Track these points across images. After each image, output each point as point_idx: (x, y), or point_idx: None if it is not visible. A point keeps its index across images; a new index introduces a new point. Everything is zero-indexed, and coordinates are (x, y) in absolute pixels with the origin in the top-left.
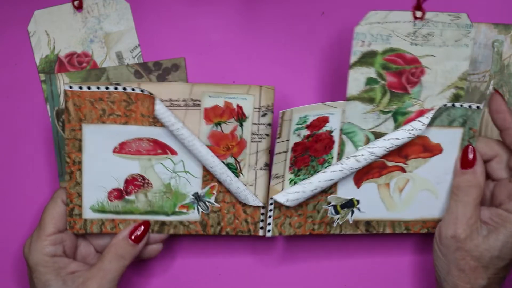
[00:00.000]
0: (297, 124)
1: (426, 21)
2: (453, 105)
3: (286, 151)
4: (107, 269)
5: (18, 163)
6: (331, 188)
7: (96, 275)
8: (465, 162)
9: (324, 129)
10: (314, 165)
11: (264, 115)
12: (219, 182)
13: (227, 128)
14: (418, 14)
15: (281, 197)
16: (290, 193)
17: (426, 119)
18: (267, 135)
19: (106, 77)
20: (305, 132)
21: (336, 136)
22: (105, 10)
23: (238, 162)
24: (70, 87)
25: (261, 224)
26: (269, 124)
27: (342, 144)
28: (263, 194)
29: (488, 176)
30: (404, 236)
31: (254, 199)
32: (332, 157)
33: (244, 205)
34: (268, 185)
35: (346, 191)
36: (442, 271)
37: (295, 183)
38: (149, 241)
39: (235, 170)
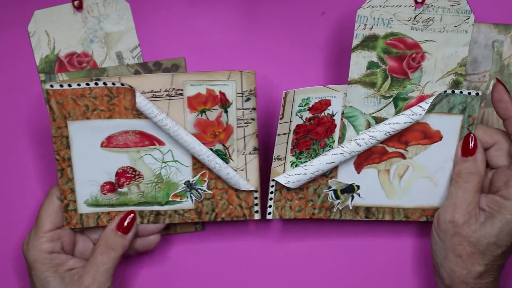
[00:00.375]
0: (299, 106)
1: (426, 5)
2: (453, 91)
3: (288, 133)
4: (98, 261)
5: (18, 162)
6: (331, 172)
7: (90, 269)
8: (466, 150)
9: (326, 112)
10: (315, 149)
11: (248, 99)
12: (209, 169)
13: (212, 115)
14: None
15: (282, 179)
16: (291, 175)
17: (426, 104)
18: (252, 119)
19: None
20: (307, 114)
21: (337, 119)
22: (105, 10)
23: (227, 148)
24: (51, 86)
25: (255, 208)
26: (254, 109)
27: (343, 128)
28: (254, 178)
29: (487, 164)
30: (404, 221)
31: (245, 184)
32: (333, 141)
33: (237, 190)
34: (259, 169)
35: (347, 175)
36: (439, 256)
37: (296, 165)
38: (146, 233)
39: (225, 156)
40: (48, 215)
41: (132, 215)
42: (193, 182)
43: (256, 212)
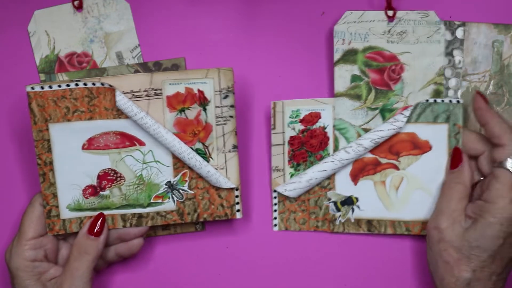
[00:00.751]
0: (290, 118)
1: (398, 19)
2: (435, 100)
3: (283, 144)
4: (73, 267)
5: (17, 163)
6: (329, 184)
7: (66, 276)
8: (453, 163)
9: (318, 125)
10: (312, 161)
11: (226, 97)
12: (190, 168)
13: (191, 114)
14: (390, 13)
15: (280, 188)
16: (288, 184)
17: (407, 111)
18: (231, 116)
19: None
20: (299, 126)
21: (330, 132)
22: (105, 10)
23: (207, 147)
24: (32, 88)
25: (237, 207)
26: (232, 106)
27: (336, 140)
28: (235, 176)
29: (481, 173)
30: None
31: (226, 182)
32: (328, 154)
33: (218, 189)
34: (238, 166)
35: (344, 187)
36: (431, 265)
37: None
38: (128, 237)
39: (205, 155)
40: (31, 222)
41: (102, 218)
42: (174, 182)
43: (238, 211)
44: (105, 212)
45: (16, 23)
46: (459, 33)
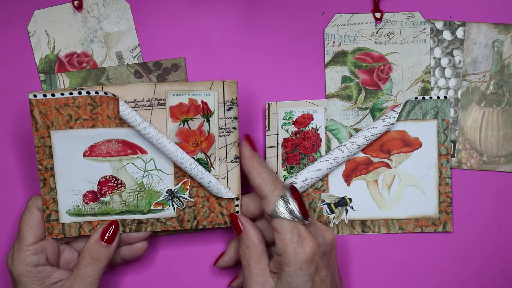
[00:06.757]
0: (283, 119)
1: (385, 21)
2: (423, 98)
3: (277, 146)
4: (84, 274)
5: (17, 163)
6: (323, 185)
7: (76, 281)
8: (237, 230)
9: (310, 126)
10: (305, 163)
11: (229, 109)
12: (191, 177)
13: (194, 124)
14: (377, 15)
15: None
16: None
17: (398, 108)
18: (234, 128)
19: (106, 77)
20: (292, 128)
21: (322, 133)
22: (105, 10)
23: (209, 157)
24: (35, 95)
25: None
26: (235, 118)
27: (328, 141)
28: (236, 186)
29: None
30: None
31: (227, 192)
32: (321, 155)
33: (219, 198)
34: (240, 176)
35: (337, 188)
36: None
37: None
38: (132, 240)
39: (206, 165)
40: (30, 227)
41: (114, 225)
42: (175, 190)
43: None
44: (105, 218)
45: (16, 23)
46: (459, 33)
